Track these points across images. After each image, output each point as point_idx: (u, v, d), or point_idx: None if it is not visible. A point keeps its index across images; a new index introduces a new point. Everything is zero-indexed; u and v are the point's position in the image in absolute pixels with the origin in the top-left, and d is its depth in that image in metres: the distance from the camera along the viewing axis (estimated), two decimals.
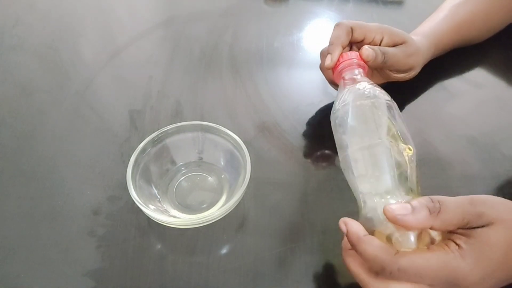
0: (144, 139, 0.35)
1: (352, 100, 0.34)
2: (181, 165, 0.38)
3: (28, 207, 0.36)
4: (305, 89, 0.48)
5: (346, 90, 0.36)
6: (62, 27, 0.56)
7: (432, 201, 0.25)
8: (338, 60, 0.39)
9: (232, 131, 0.35)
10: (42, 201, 0.36)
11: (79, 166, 0.39)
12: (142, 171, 0.34)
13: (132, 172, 0.32)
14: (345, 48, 0.40)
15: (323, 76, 0.44)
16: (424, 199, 0.25)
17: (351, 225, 0.27)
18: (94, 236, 0.34)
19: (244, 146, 0.34)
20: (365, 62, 0.38)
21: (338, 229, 0.36)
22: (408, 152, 0.30)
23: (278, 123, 0.44)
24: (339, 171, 0.40)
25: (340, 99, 0.36)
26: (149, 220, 0.33)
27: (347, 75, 0.38)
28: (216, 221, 0.32)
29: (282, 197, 0.37)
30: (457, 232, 0.25)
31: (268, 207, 0.37)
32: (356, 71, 0.38)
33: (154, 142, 0.35)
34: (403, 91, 0.43)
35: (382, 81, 0.44)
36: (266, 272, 0.32)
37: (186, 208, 0.35)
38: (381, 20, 0.59)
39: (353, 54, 0.38)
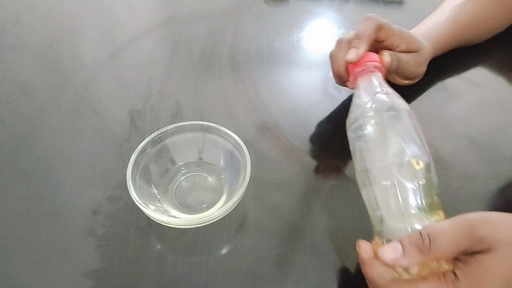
0: (144, 139, 0.35)
1: (372, 111, 0.32)
2: (181, 165, 0.38)
3: (27, 207, 0.36)
4: (305, 89, 0.48)
5: (364, 96, 0.34)
6: (62, 27, 0.56)
7: (422, 237, 0.24)
8: (353, 65, 0.37)
9: (232, 131, 0.35)
10: (42, 201, 0.36)
11: (79, 166, 0.39)
12: (142, 171, 0.34)
13: (132, 172, 0.32)
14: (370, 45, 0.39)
15: (331, 66, 0.41)
16: (413, 236, 0.25)
17: (361, 247, 0.29)
18: (94, 236, 0.34)
19: (244, 146, 0.34)
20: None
21: (339, 230, 0.36)
22: (417, 166, 0.29)
23: (278, 123, 0.44)
24: (338, 171, 0.40)
25: (358, 106, 0.34)
26: (149, 220, 0.33)
27: (366, 78, 0.36)
28: (216, 221, 0.32)
29: (282, 197, 0.37)
30: (459, 259, 0.25)
31: (268, 207, 0.37)
32: (378, 75, 0.36)
33: (154, 142, 0.35)
34: (403, 91, 0.43)
35: None
36: (266, 272, 0.32)
37: (186, 208, 0.35)
38: None
39: (376, 57, 0.37)
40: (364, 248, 0.28)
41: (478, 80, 0.50)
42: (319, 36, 0.57)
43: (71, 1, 0.61)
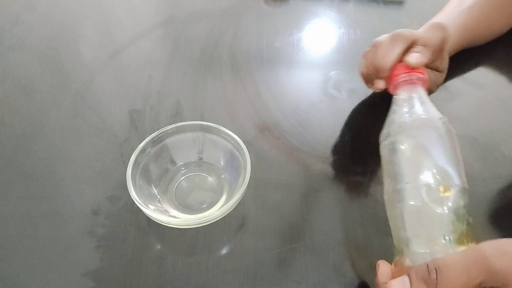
0: (144, 139, 0.35)
1: (407, 127, 0.30)
2: (181, 165, 0.38)
3: (27, 207, 0.36)
4: (305, 89, 0.48)
5: (401, 109, 0.32)
6: (62, 27, 0.56)
7: (428, 270, 0.23)
8: (396, 69, 0.35)
9: (232, 131, 0.35)
10: (42, 201, 0.36)
11: (78, 166, 0.39)
12: (142, 171, 0.34)
13: (132, 172, 0.32)
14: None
15: (361, 67, 0.40)
16: (420, 269, 0.24)
17: (380, 270, 0.28)
18: (94, 236, 0.34)
19: (244, 146, 0.34)
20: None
21: (338, 230, 0.36)
22: (445, 192, 0.27)
23: (278, 123, 0.44)
24: (338, 171, 0.40)
25: (393, 121, 0.32)
26: (148, 220, 0.33)
27: (407, 89, 0.34)
28: (216, 221, 0.32)
29: (282, 197, 0.37)
30: None
31: (268, 207, 0.37)
32: (420, 88, 0.34)
33: (154, 142, 0.35)
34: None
35: None
36: (265, 273, 0.32)
37: (186, 208, 0.35)
38: (382, 20, 0.59)
39: (422, 68, 0.35)
40: (382, 271, 0.27)
41: (478, 80, 0.50)
42: (319, 36, 0.57)
43: (71, 1, 0.61)
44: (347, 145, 0.42)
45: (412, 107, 0.32)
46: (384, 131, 0.33)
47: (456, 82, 0.49)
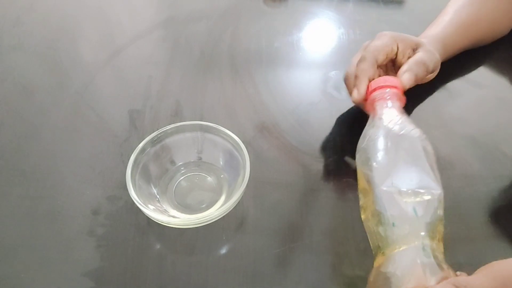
0: (144, 139, 0.35)
1: (383, 140, 0.31)
2: (180, 165, 0.38)
3: (27, 207, 0.36)
4: (304, 89, 0.48)
5: (376, 125, 0.33)
6: (62, 27, 0.56)
7: None
8: (368, 88, 0.36)
9: (231, 131, 0.35)
10: (42, 201, 0.36)
11: (78, 166, 0.39)
12: (141, 171, 0.34)
13: (132, 172, 0.32)
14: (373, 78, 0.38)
15: (345, 85, 0.42)
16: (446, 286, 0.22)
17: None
18: (94, 236, 0.34)
19: (243, 146, 0.34)
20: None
21: (338, 230, 0.36)
22: (424, 197, 0.27)
23: (277, 123, 0.44)
24: (338, 171, 0.40)
25: (369, 136, 0.33)
26: (148, 220, 0.33)
27: (381, 105, 0.35)
28: (215, 221, 0.32)
29: (281, 197, 0.37)
30: None
31: (267, 207, 0.37)
32: (394, 103, 0.34)
33: (153, 142, 0.35)
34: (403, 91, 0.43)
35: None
36: (265, 272, 0.32)
37: (186, 208, 0.35)
38: (381, 20, 0.59)
39: (393, 81, 0.35)
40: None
41: (478, 80, 0.50)
42: (319, 36, 0.57)
43: (71, 1, 0.61)
44: (347, 145, 0.42)
45: (387, 121, 0.33)
46: (359, 147, 0.33)
47: (456, 82, 0.49)
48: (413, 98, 0.47)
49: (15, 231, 0.34)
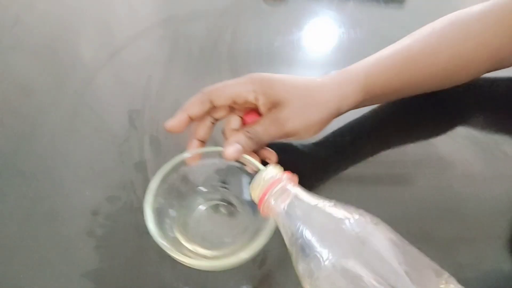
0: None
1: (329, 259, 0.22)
2: (203, 192, 0.35)
3: (26, 207, 0.36)
4: None
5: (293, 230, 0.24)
6: (61, 27, 0.56)
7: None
8: (262, 195, 0.26)
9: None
10: (41, 201, 0.36)
11: (78, 166, 0.39)
12: (165, 191, 0.32)
13: (156, 190, 0.30)
14: (197, 117, 0.33)
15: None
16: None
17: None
18: (93, 237, 0.34)
19: None
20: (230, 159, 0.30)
21: None
22: None
23: None
24: (338, 171, 0.40)
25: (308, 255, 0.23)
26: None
27: (277, 204, 0.26)
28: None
29: None
30: None
31: None
32: (293, 192, 0.26)
33: (178, 165, 0.33)
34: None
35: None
36: (265, 272, 0.32)
37: (203, 240, 0.32)
38: (382, 19, 0.59)
39: (276, 172, 0.27)
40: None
41: (478, 79, 0.50)
42: (319, 35, 0.57)
43: (70, 1, 0.61)
44: (347, 145, 0.42)
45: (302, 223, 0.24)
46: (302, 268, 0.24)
47: None
48: (414, 97, 0.47)
49: (14, 231, 0.34)
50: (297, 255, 0.24)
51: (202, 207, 0.34)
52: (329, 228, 0.23)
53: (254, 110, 0.35)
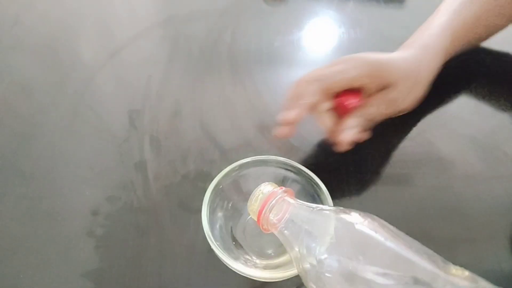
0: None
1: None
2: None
3: (26, 207, 0.36)
4: None
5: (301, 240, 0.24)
6: (61, 27, 0.56)
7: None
8: (261, 209, 0.26)
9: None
10: (41, 201, 0.36)
11: (78, 166, 0.39)
12: (219, 198, 0.32)
13: (210, 197, 0.30)
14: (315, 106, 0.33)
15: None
16: None
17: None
18: (93, 237, 0.34)
19: (328, 194, 0.30)
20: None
21: None
22: None
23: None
24: (338, 171, 0.40)
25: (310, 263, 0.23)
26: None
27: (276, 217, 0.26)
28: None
29: None
30: None
31: None
32: (290, 205, 0.26)
33: (235, 170, 0.33)
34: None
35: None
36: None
37: (248, 249, 0.33)
38: (382, 19, 0.59)
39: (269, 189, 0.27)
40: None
41: (478, 79, 0.50)
42: (319, 35, 0.57)
43: (70, 1, 0.61)
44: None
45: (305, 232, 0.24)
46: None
47: (456, 81, 0.49)
48: None
49: (14, 231, 0.34)
50: (299, 263, 0.24)
51: (248, 217, 0.33)
52: (329, 231, 0.23)
53: (348, 91, 0.35)
